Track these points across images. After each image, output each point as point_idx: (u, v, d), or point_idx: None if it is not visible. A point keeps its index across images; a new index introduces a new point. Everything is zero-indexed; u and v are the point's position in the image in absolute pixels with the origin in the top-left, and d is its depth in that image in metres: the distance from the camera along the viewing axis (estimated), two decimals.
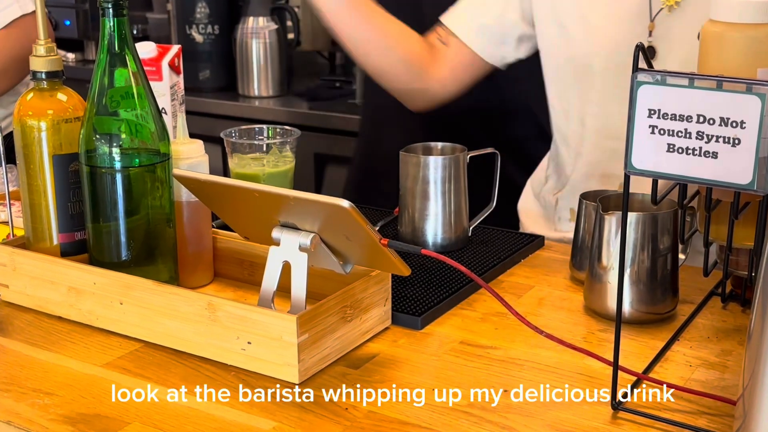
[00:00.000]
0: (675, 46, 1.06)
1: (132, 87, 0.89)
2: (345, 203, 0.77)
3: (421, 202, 1.06)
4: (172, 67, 1.24)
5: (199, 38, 2.46)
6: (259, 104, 2.39)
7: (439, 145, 1.12)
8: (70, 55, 2.77)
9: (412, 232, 1.08)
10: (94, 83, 0.89)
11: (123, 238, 0.90)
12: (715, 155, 0.65)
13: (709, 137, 0.65)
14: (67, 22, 2.69)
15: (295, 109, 2.37)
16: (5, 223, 1.06)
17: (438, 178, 1.05)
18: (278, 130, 1.17)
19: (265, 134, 1.17)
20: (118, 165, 0.89)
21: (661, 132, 0.66)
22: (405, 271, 0.84)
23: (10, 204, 1.03)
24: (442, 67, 1.23)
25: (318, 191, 2.34)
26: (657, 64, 1.05)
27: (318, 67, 2.58)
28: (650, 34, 1.06)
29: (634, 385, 0.79)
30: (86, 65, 2.83)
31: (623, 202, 0.72)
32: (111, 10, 0.87)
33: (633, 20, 1.07)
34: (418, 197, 1.06)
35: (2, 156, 1.00)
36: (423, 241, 1.07)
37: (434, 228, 1.07)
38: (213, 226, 1.01)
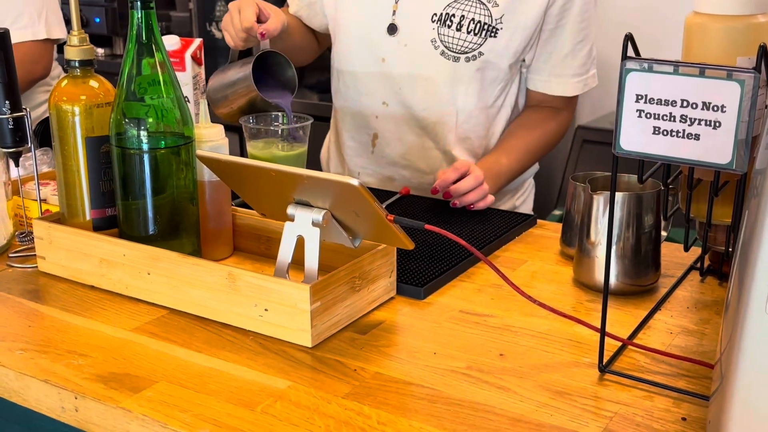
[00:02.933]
0: (413, 23, 1.24)
1: (158, 75, 0.89)
2: (354, 181, 0.76)
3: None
4: (195, 58, 1.24)
5: (218, 34, 2.45)
6: None
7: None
8: (100, 50, 2.76)
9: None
10: (123, 71, 0.89)
11: (150, 214, 0.90)
12: (697, 137, 0.65)
13: (692, 120, 0.65)
14: (97, 20, 2.68)
15: (307, 101, 2.36)
16: (44, 201, 1.06)
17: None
18: (293, 117, 1.17)
19: (280, 121, 1.16)
20: (145, 147, 0.89)
21: (648, 116, 0.66)
22: (409, 245, 0.84)
23: (38, 183, 1.03)
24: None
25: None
26: (398, 39, 1.25)
27: (328, 62, 2.57)
28: (394, 13, 1.25)
29: (619, 350, 0.80)
30: (114, 59, 2.82)
31: (611, 182, 0.71)
32: (139, 3, 0.87)
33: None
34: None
35: (31, 139, 1.00)
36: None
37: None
38: (232, 204, 1.01)
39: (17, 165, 1.03)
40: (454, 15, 1.22)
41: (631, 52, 0.67)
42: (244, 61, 1.17)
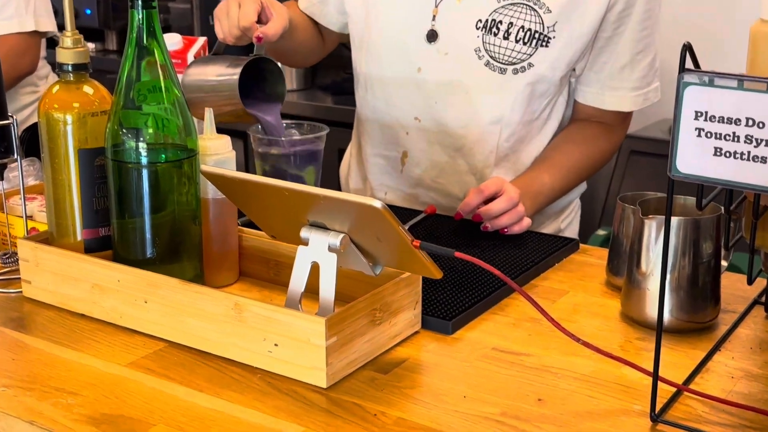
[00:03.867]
0: (455, 30, 1.24)
1: (159, 80, 0.90)
2: (377, 203, 0.77)
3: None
4: (197, 58, 1.26)
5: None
6: None
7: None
8: (90, 45, 2.80)
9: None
10: (121, 76, 0.90)
11: (148, 235, 0.91)
12: (764, 160, 0.65)
13: (758, 141, 0.65)
14: (88, 11, 2.72)
15: (320, 103, 2.38)
16: (30, 217, 1.07)
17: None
18: (306, 126, 1.18)
19: (294, 131, 1.18)
20: (144, 160, 0.90)
21: (708, 135, 0.66)
22: (437, 273, 0.84)
23: (24, 197, 1.04)
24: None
25: (339, 189, 2.34)
26: (437, 47, 1.26)
27: (343, 60, 2.58)
28: (434, 18, 1.25)
29: (674, 397, 0.79)
30: (107, 55, 2.86)
31: (666, 206, 0.71)
32: (140, 2, 0.88)
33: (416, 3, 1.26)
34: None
35: (16, 149, 1.01)
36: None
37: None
38: (238, 224, 1.02)
39: (1, 178, 1.04)
40: (501, 22, 1.21)
41: (689, 64, 0.67)
42: (231, 61, 1.15)
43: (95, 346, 0.89)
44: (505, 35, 1.21)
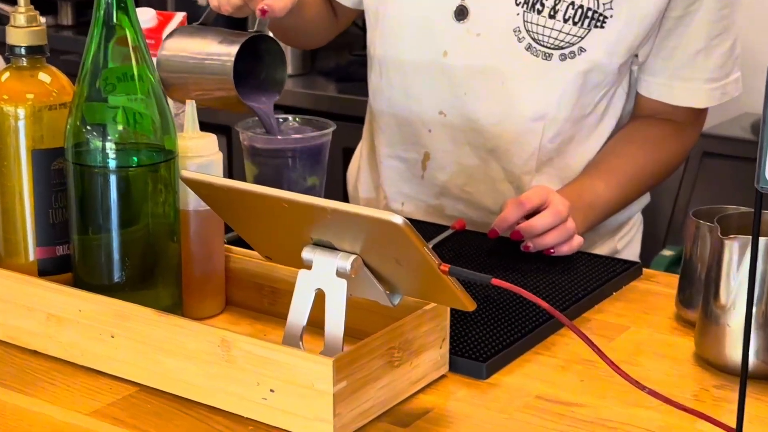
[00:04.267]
0: (490, 6, 1.25)
1: (131, 67, 0.91)
2: (397, 219, 0.78)
3: None
4: None
5: (202, 1, 2.49)
6: None
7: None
8: (41, 20, 2.83)
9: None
10: (85, 61, 0.91)
11: (116, 255, 0.92)
12: None
13: None
14: None
15: (320, 92, 2.39)
16: None
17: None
18: (309, 121, 1.19)
19: (292, 126, 1.19)
20: (112, 164, 0.91)
21: None
22: (469, 304, 0.84)
23: None
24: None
25: (345, 198, 2.34)
26: (468, 26, 1.26)
27: (349, 39, 2.58)
28: None
29: None
30: (59, 32, 2.88)
31: (753, 224, 0.72)
32: None
33: None
34: None
35: None
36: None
37: None
38: (225, 242, 1.03)
39: None
40: None
41: None
42: (223, 36, 1.14)
43: (51, 391, 0.89)
44: (552, 13, 1.22)
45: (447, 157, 1.32)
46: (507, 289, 0.83)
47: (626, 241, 1.40)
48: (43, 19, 0.97)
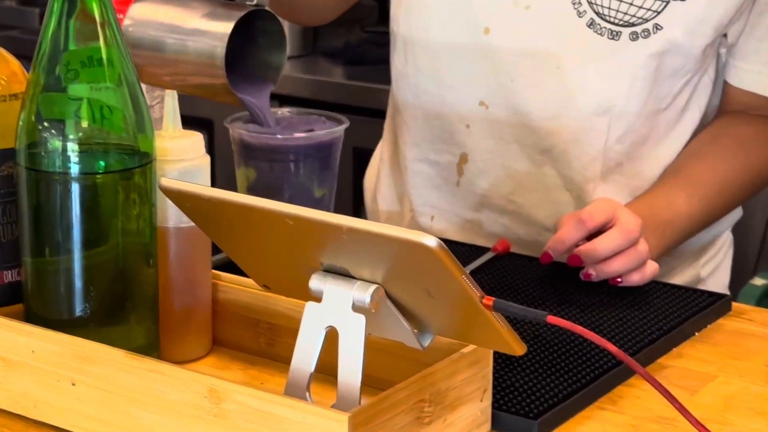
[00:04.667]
0: None
1: (99, 48, 0.91)
2: (430, 241, 0.77)
3: None
4: None
5: None
6: None
7: None
8: None
9: None
10: (42, 43, 0.91)
11: (78, 282, 0.92)
12: None
13: None
14: None
15: (324, 77, 2.39)
16: None
17: None
18: (316, 117, 1.19)
19: (288, 120, 1.19)
20: (74, 169, 0.91)
21: None
22: (517, 348, 0.84)
23: None
24: None
25: (357, 210, 2.35)
26: None
27: (360, 13, 2.59)
28: None
29: None
30: (1, 2, 2.90)
31: None
32: None
33: None
34: None
35: None
36: None
37: None
38: (212, 266, 1.03)
39: None
40: None
41: None
42: (210, 6, 1.13)
43: None
44: None
45: (489, 159, 1.32)
46: (564, 328, 0.83)
47: (712, 267, 1.40)
48: None
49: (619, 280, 1.15)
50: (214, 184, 1.03)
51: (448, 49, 1.31)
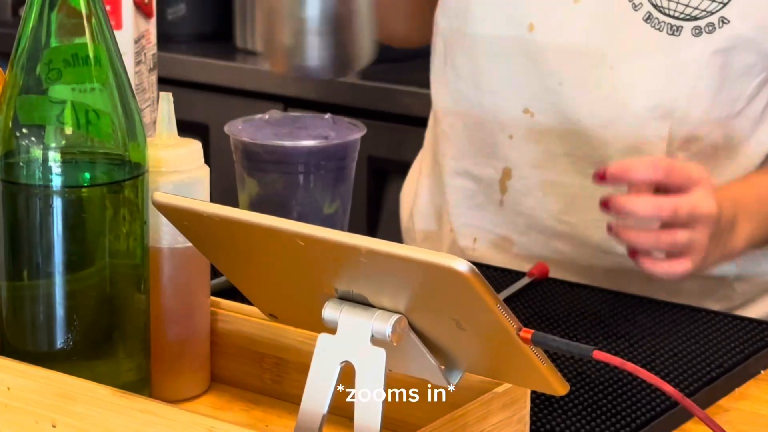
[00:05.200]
0: None
1: (85, 45, 0.92)
2: (461, 265, 0.77)
3: None
4: (140, 5, 1.29)
5: None
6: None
7: None
8: None
9: None
10: (20, 39, 0.92)
11: (60, 310, 0.92)
12: None
13: None
14: None
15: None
16: None
17: None
18: (331, 122, 1.20)
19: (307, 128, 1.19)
20: (56, 181, 0.91)
21: None
22: (559, 387, 0.84)
23: None
24: None
25: (374, 229, 2.34)
26: None
27: None
28: None
29: None
30: None
31: None
32: None
33: None
34: None
35: None
36: None
37: None
38: (211, 292, 1.03)
39: None
40: None
41: None
42: None
43: None
44: None
45: (536, 174, 1.32)
46: (612, 365, 0.83)
47: None
48: None
49: (636, 256, 1.14)
50: (212, 199, 1.04)
51: (489, 47, 1.32)
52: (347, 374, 0.85)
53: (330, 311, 0.85)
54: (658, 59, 1.26)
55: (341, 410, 0.86)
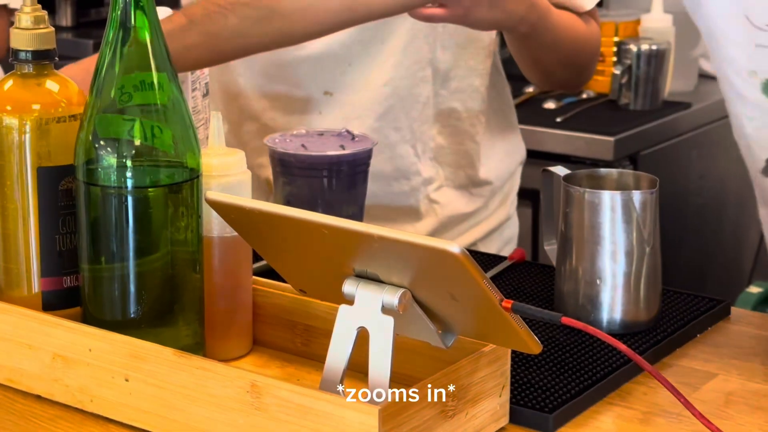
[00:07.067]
0: None
1: (151, 73, 0.92)
2: (455, 248, 0.78)
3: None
4: None
5: None
6: None
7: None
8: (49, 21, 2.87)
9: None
10: (99, 68, 0.92)
11: (132, 287, 0.93)
12: None
13: None
14: None
15: None
16: None
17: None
18: (348, 136, 1.20)
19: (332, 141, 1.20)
20: (128, 183, 0.92)
21: None
22: (534, 347, 0.84)
23: None
24: None
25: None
26: None
27: None
28: None
29: None
30: (57, 34, 2.92)
31: None
32: None
33: None
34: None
35: None
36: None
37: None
38: (252, 273, 1.03)
39: None
40: None
41: None
42: None
43: None
44: None
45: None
46: (577, 329, 0.83)
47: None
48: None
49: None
50: (253, 197, 1.04)
51: None
52: (363, 338, 0.86)
53: (348, 287, 0.86)
54: None
55: (358, 367, 0.87)
